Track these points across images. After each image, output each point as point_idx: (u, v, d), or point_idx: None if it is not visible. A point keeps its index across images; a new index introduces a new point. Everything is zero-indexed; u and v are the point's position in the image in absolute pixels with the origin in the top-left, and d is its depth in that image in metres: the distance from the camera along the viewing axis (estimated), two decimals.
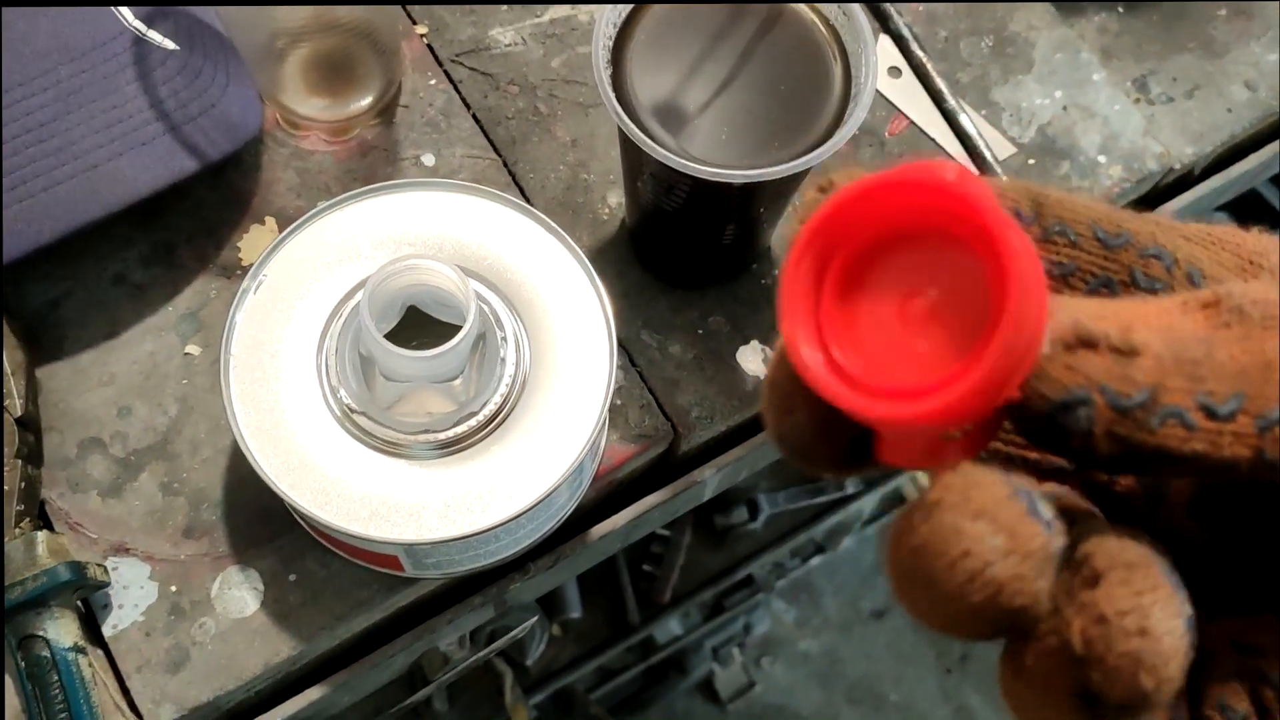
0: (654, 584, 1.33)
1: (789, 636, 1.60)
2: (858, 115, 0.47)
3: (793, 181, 0.51)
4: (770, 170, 0.47)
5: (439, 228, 0.51)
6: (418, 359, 0.44)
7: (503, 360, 0.48)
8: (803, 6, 0.51)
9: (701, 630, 1.39)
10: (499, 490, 0.47)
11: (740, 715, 1.53)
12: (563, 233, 0.50)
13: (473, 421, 0.47)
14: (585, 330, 0.49)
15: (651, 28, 0.50)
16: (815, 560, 1.50)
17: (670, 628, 1.37)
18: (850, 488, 1.39)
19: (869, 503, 1.43)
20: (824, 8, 0.50)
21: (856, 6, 0.49)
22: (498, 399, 0.48)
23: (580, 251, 0.50)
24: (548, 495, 0.47)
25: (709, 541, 1.38)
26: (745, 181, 0.47)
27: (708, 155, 0.48)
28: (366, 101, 0.60)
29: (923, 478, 1.49)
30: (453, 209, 0.51)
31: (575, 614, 1.28)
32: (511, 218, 0.51)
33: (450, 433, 0.47)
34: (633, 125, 0.46)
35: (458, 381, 0.48)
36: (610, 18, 0.48)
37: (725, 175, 0.46)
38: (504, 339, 0.48)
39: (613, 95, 0.47)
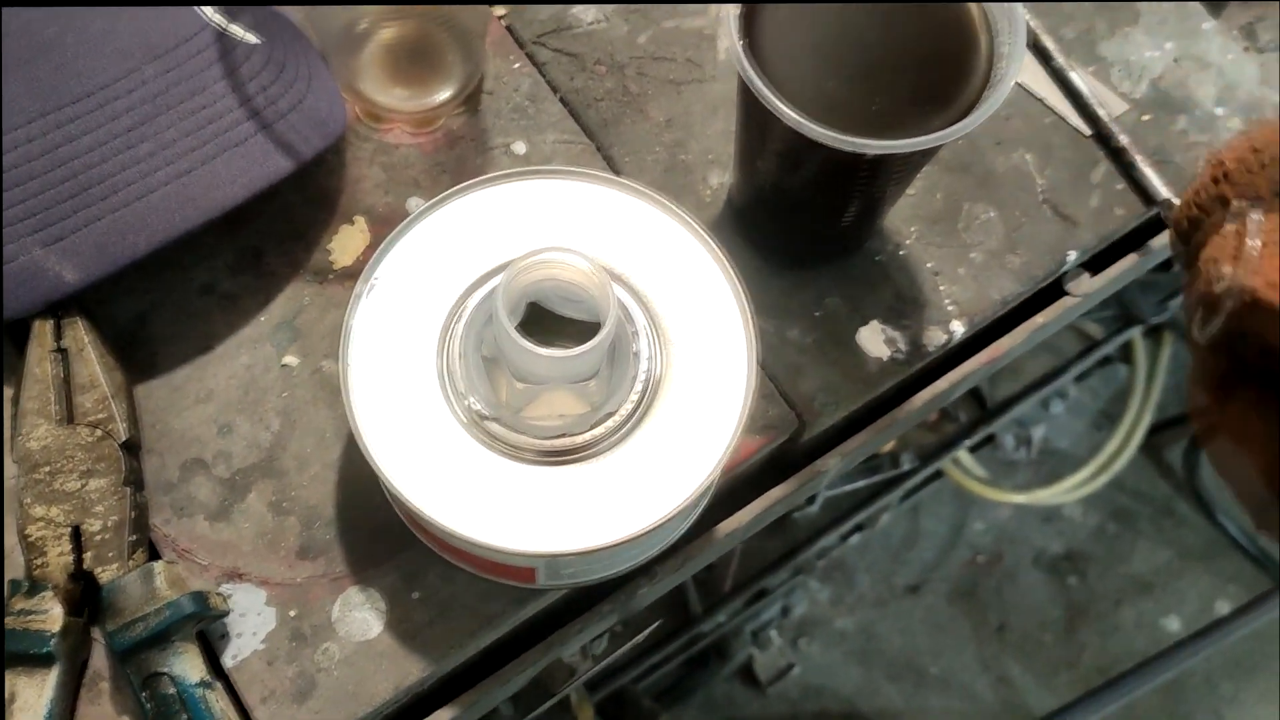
0: (714, 573, 1.30)
1: (825, 616, 1.58)
2: (1001, 89, 0.44)
3: (923, 156, 0.48)
4: (910, 142, 0.44)
5: (550, 218, 0.48)
6: (559, 359, 0.42)
7: (636, 355, 0.45)
8: None
9: (742, 615, 1.37)
10: (641, 495, 0.44)
11: (780, 698, 1.52)
12: (686, 215, 0.47)
13: (609, 423, 0.45)
14: (719, 322, 0.47)
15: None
16: (853, 539, 1.48)
17: (714, 615, 1.35)
18: (906, 464, 1.36)
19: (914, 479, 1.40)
20: None
21: None
22: (634, 397, 0.45)
23: (708, 235, 0.47)
24: (695, 498, 0.44)
25: (766, 528, 1.36)
26: (879, 154, 0.44)
27: (838, 129, 0.45)
28: (450, 90, 0.56)
29: (966, 459, 1.47)
30: (562, 197, 0.48)
31: (655, 619, 1.26)
32: (625, 201, 0.48)
33: (586, 436, 0.44)
34: (774, 96, 0.43)
35: (592, 382, 0.45)
36: None
37: (866, 147, 0.43)
38: (635, 333, 0.46)
39: (750, 69, 0.44)
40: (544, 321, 0.46)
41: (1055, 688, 1.55)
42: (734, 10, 0.45)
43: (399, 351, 0.45)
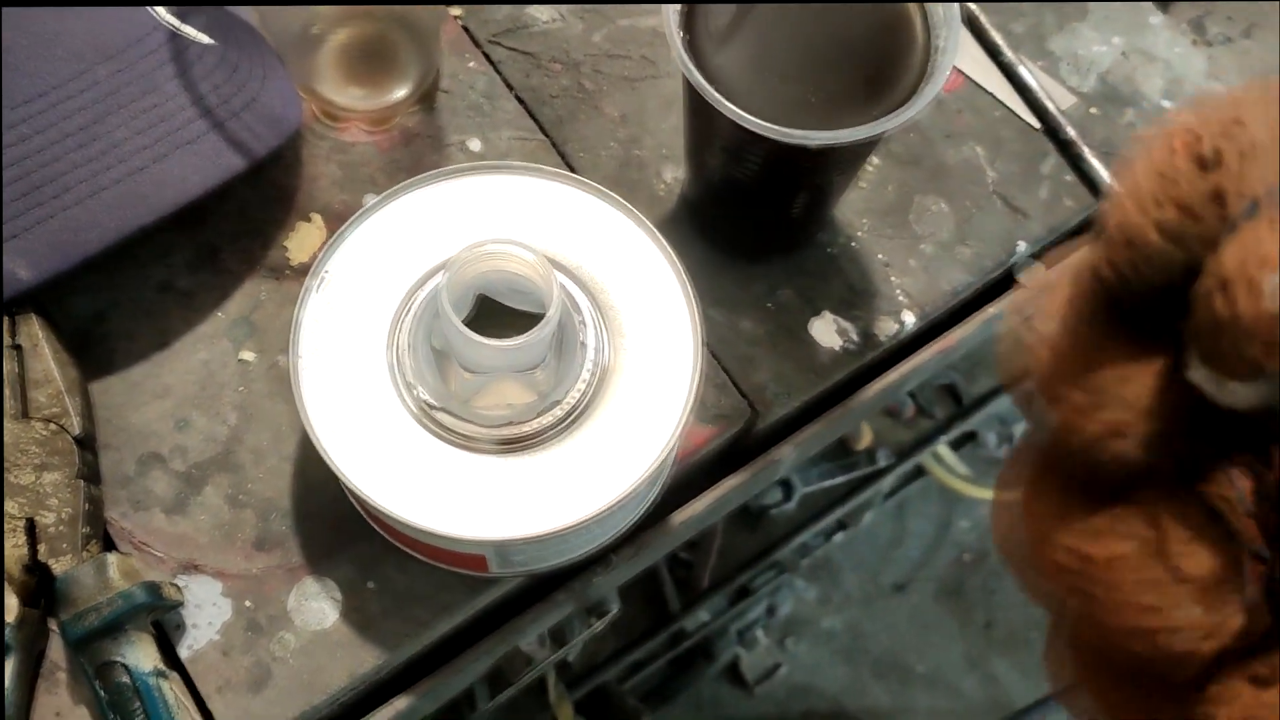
0: (691, 571, 1.31)
1: (811, 615, 1.59)
2: (937, 80, 0.45)
3: (866, 147, 0.49)
4: (849, 133, 0.45)
5: (501, 213, 0.49)
6: (502, 349, 0.42)
7: (583, 345, 0.46)
8: None
9: (727, 615, 1.38)
10: (589, 482, 0.45)
11: (767, 698, 1.52)
12: (633, 209, 0.48)
13: (557, 411, 0.45)
14: (666, 311, 0.47)
15: None
16: (837, 537, 1.49)
17: (698, 615, 1.36)
18: (882, 460, 1.37)
19: (892, 475, 1.41)
20: None
21: None
22: (581, 386, 0.46)
23: (654, 228, 0.48)
24: (640, 485, 0.45)
25: (744, 524, 1.37)
26: (821, 145, 0.45)
27: (781, 122, 0.46)
28: (405, 89, 0.57)
29: (949, 457, 1.47)
30: (513, 192, 0.49)
31: (614, 607, 1.26)
32: (575, 196, 0.49)
33: (534, 424, 0.45)
34: (715, 92, 0.44)
35: (539, 371, 0.46)
36: None
37: (808, 138, 0.44)
38: (582, 323, 0.46)
39: (691, 64, 0.44)
40: (495, 314, 0.47)
41: (1042, 685, 1.55)
42: (675, 8, 0.45)
43: (349, 344, 0.46)
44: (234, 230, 0.55)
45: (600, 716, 1.30)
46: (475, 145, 0.58)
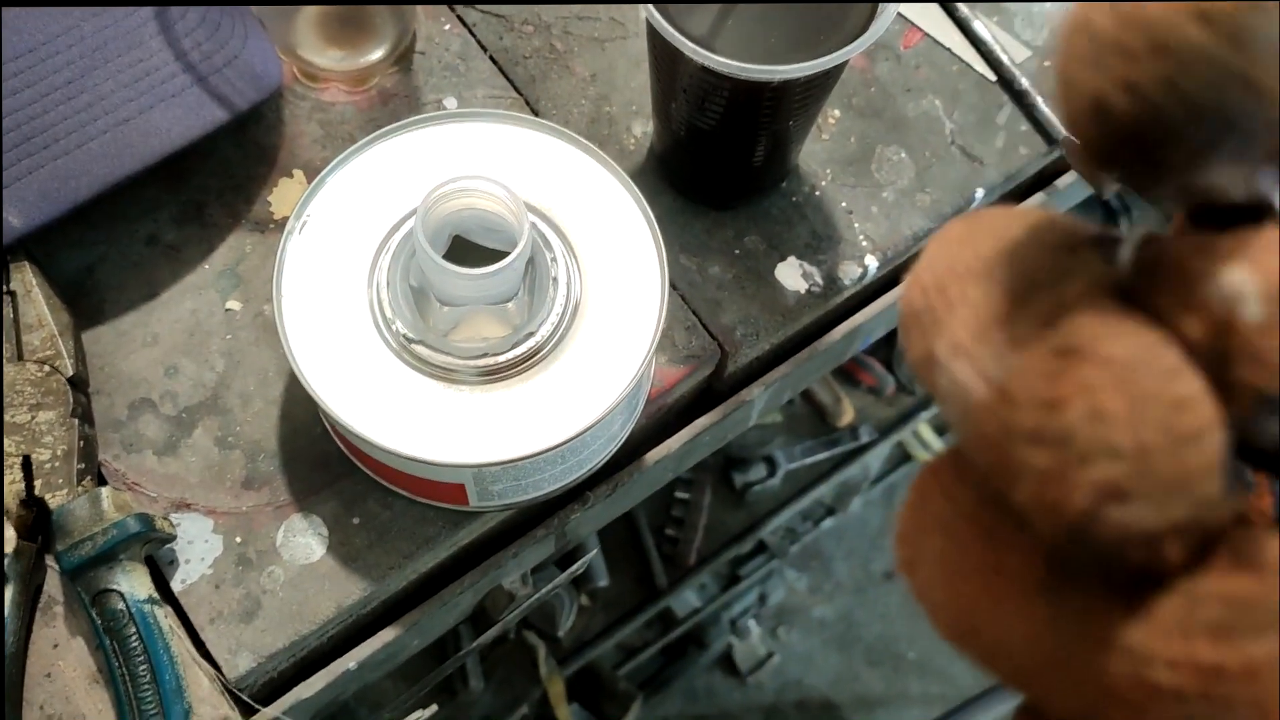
0: (678, 547, 1.33)
1: (803, 604, 1.60)
2: (884, 21, 0.47)
3: (822, 89, 0.51)
4: (806, 66, 0.47)
5: (475, 158, 0.51)
6: (475, 277, 0.44)
7: (554, 280, 0.48)
8: None
9: (718, 602, 1.40)
10: (562, 410, 0.47)
11: (760, 687, 1.54)
12: (600, 153, 0.50)
13: (530, 343, 0.47)
14: (633, 249, 0.49)
15: None
16: (826, 523, 1.51)
17: (688, 600, 1.37)
18: (864, 437, 1.39)
19: (877, 458, 1.43)
20: None
21: None
22: (554, 319, 0.48)
23: (623, 173, 0.50)
24: (610, 412, 0.47)
25: (729, 501, 1.39)
26: (782, 80, 0.47)
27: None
28: (382, 50, 0.59)
29: (935, 442, 1.49)
30: (486, 138, 0.51)
31: (602, 582, 1.28)
32: (546, 142, 0.51)
33: (508, 356, 0.47)
34: (676, 33, 0.46)
35: (512, 304, 0.48)
36: None
37: (768, 73, 0.46)
38: (553, 260, 0.48)
39: (652, 8, 0.47)
40: (469, 256, 0.49)
41: None
42: None
43: (330, 283, 0.48)
44: (219, 186, 0.57)
45: (593, 700, 1.32)
46: (451, 103, 0.60)
